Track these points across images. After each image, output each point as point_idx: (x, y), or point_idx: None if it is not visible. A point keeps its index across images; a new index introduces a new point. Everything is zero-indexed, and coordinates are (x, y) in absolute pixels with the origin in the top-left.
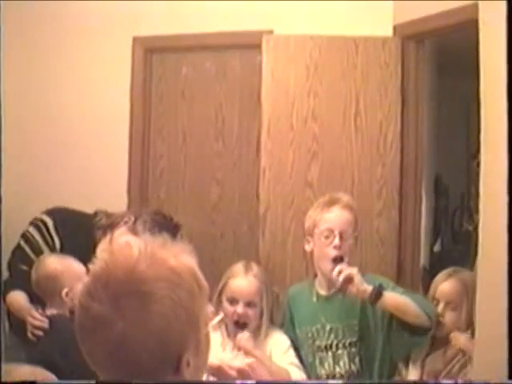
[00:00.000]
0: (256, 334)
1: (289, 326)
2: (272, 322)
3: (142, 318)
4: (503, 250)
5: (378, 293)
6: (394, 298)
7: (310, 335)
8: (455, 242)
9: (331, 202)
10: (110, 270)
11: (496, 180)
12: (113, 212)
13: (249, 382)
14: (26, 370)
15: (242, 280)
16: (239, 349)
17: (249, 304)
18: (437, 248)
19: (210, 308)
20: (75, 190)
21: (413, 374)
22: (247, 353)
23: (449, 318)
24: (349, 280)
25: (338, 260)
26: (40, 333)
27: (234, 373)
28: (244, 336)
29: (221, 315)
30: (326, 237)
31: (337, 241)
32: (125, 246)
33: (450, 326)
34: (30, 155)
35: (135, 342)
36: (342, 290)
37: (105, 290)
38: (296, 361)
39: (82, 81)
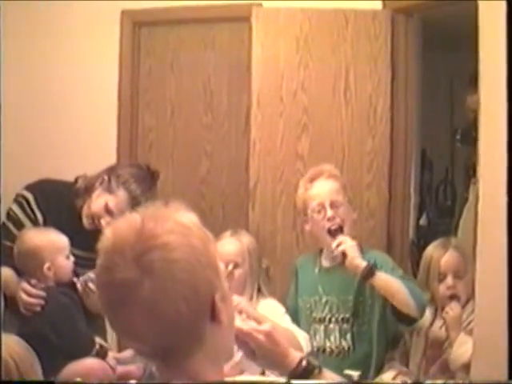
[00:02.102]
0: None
1: (293, 294)
2: (261, 293)
3: (169, 268)
4: (503, 229)
5: (369, 271)
6: (386, 280)
7: (308, 306)
8: (440, 216)
9: (314, 177)
10: (120, 237)
11: (495, 152)
12: (89, 175)
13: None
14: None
15: (225, 242)
16: (240, 312)
17: (232, 264)
18: (423, 222)
19: None
20: (64, 165)
21: (418, 343)
22: (249, 316)
23: (460, 287)
24: (344, 254)
25: (335, 232)
26: (37, 308)
27: (262, 337)
28: (242, 300)
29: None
30: (319, 211)
31: (329, 212)
32: (126, 215)
33: (462, 294)
34: (17, 130)
35: (169, 293)
36: (340, 263)
37: (123, 258)
38: (293, 326)
39: (70, 54)
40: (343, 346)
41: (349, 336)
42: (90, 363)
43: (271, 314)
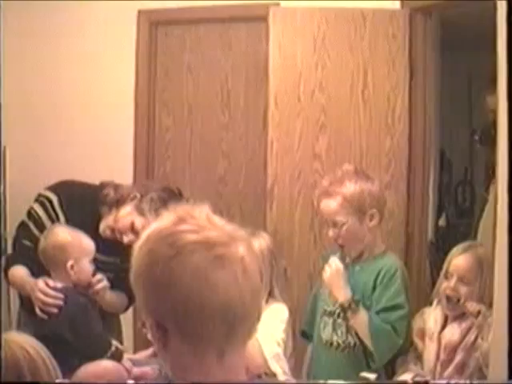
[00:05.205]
0: None
1: (318, 284)
2: (272, 296)
3: (251, 242)
4: None
5: (342, 309)
6: (357, 321)
7: (323, 297)
8: (459, 217)
9: (321, 193)
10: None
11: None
12: (120, 184)
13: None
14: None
15: None
16: None
17: None
18: (442, 222)
19: None
20: (81, 164)
21: (430, 347)
22: None
23: (462, 292)
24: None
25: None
26: (54, 310)
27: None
28: None
29: None
30: (326, 225)
31: (330, 232)
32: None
33: (463, 299)
34: (36, 130)
35: (256, 261)
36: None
37: (209, 222)
38: (283, 335)
39: (87, 54)
40: (349, 341)
41: (354, 332)
42: (104, 365)
43: (269, 319)
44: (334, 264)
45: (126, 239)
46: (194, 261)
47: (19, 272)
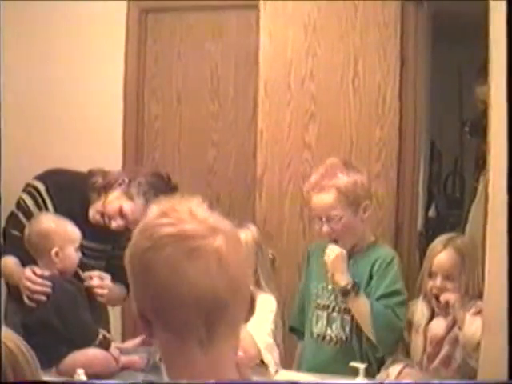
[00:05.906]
0: None
1: (303, 280)
2: (259, 286)
3: (234, 233)
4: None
5: (345, 291)
6: (358, 306)
7: (315, 291)
8: (449, 208)
9: (313, 187)
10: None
11: (504, 143)
12: (108, 171)
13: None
14: None
15: None
16: None
17: None
18: (432, 213)
19: None
20: (69, 152)
21: (417, 340)
22: None
23: (449, 289)
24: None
25: (333, 242)
26: (42, 297)
27: None
28: None
29: None
30: (318, 220)
31: (325, 228)
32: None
33: (451, 295)
34: (24, 119)
35: (238, 253)
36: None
37: (191, 215)
38: (272, 326)
39: (76, 41)
40: (341, 336)
41: (348, 327)
42: (92, 353)
43: (258, 311)
44: (336, 248)
45: (114, 224)
46: (166, 253)
47: (8, 262)
